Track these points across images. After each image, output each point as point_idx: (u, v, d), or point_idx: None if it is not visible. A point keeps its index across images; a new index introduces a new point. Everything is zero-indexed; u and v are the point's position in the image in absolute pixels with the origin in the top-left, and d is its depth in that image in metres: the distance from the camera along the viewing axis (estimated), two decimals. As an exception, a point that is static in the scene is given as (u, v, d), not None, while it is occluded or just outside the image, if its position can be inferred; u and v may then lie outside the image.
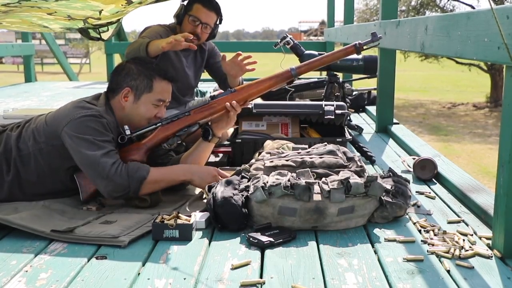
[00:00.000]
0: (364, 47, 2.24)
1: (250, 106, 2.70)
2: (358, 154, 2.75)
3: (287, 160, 1.96)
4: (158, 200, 2.04)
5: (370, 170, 2.56)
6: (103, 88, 2.28)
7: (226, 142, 2.86)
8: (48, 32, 6.13)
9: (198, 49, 3.23)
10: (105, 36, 3.50)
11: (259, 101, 3.01)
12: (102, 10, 2.91)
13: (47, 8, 2.73)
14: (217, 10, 3.03)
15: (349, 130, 3.05)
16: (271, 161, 1.98)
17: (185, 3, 3.04)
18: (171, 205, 2.03)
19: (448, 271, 1.49)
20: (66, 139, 1.96)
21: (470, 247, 1.64)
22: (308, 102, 3.63)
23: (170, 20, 3.19)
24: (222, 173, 2.09)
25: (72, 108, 2.02)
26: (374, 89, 4.30)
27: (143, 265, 1.56)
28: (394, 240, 1.71)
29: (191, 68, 3.18)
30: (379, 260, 1.58)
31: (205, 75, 3.35)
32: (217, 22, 3.07)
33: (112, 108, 2.10)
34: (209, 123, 2.22)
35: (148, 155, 2.12)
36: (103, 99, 2.10)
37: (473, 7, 13.27)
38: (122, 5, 2.80)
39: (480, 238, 1.73)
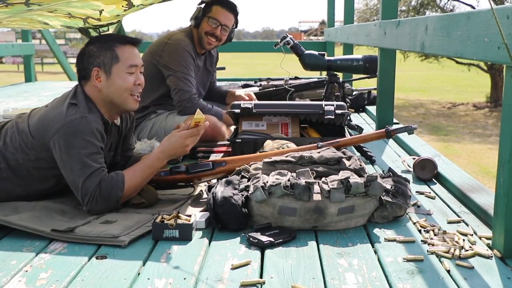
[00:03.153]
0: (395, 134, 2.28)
1: (250, 106, 2.71)
2: (358, 154, 2.75)
3: (286, 156, 1.96)
4: (154, 197, 2.05)
5: (370, 170, 2.56)
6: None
7: (226, 142, 2.86)
8: (48, 29, 6.11)
9: (208, 57, 3.26)
10: None
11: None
12: (103, 10, 2.91)
13: (47, 6, 2.74)
14: (235, 12, 3.06)
15: (349, 130, 3.05)
16: (270, 157, 1.99)
17: (203, 5, 3.06)
18: (171, 205, 2.03)
19: (448, 271, 1.49)
20: (55, 151, 1.92)
21: (470, 247, 1.64)
22: (308, 102, 3.63)
23: (170, 20, 3.25)
24: (187, 134, 2.00)
25: (56, 116, 1.95)
26: (374, 89, 4.30)
27: (143, 265, 1.56)
28: (394, 240, 1.71)
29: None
30: (379, 260, 1.58)
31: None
32: (234, 26, 3.11)
33: (90, 97, 2.02)
34: None
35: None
36: (80, 94, 2.02)
37: (473, 7, 13.27)
38: (122, 6, 2.80)
39: (480, 238, 1.73)
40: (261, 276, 1.47)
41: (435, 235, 1.74)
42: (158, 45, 3.09)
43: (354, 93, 4.39)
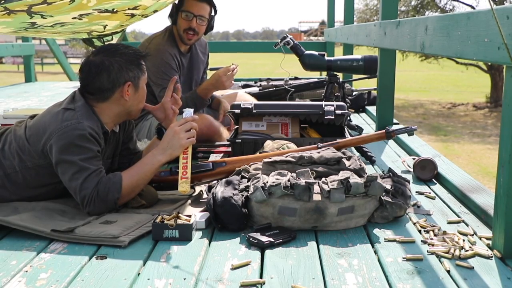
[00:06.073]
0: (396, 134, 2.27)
1: (250, 106, 2.71)
2: (358, 154, 2.75)
3: (286, 157, 1.96)
4: (154, 197, 2.05)
5: (370, 170, 2.56)
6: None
7: (226, 142, 2.86)
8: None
9: (201, 54, 3.24)
10: None
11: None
12: (107, 25, 2.93)
13: (53, 32, 2.76)
14: (208, 0, 3.03)
15: (349, 130, 3.06)
16: (270, 158, 1.99)
17: (176, 1, 3.05)
18: (171, 205, 2.03)
19: (448, 271, 1.49)
20: (51, 156, 1.91)
21: (470, 247, 1.64)
22: (308, 102, 3.63)
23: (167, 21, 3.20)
24: (177, 123, 2.02)
25: (51, 121, 1.93)
26: (374, 89, 4.30)
27: (143, 265, 1.56)
28: (394, 240, 1.71)
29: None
30: (379, 260, 1.58)
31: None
32: (212, 13, 3.07)
33: (102, 109, 2.00)
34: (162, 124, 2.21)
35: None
36: (80, 100, 1.98)
37: (473, 7, 13.27)
38: (126, 15, 2.83)
39: (480, 238, 1.73)
40: (261, 276, 1.47)
41: (435, 235, 1.74)
42: (141, 48, 3.08)
43: (354, 93, 4.39)
